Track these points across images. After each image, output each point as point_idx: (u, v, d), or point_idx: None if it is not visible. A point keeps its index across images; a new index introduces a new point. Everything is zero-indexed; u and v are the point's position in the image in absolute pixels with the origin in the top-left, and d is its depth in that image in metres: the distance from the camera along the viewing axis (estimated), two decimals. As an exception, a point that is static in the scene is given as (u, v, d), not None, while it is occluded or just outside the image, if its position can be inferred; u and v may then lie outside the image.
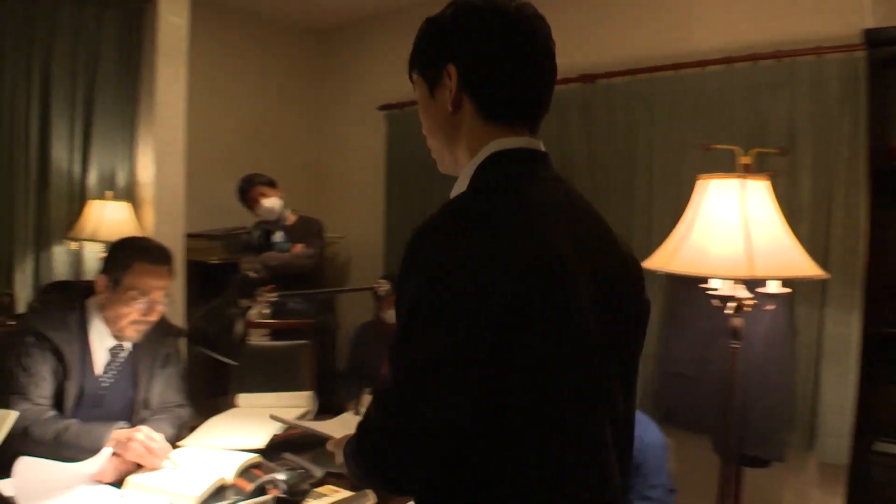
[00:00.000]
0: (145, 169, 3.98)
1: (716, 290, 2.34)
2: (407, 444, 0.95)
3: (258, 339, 3.75)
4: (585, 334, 0.99)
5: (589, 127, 3.76)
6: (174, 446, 2.11)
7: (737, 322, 2.30)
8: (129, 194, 3.99)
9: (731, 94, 3.24)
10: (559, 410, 0.97)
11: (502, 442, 0.95)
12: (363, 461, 1.03)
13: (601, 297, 1.03)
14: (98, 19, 3.84)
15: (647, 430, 2.68)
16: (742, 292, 2.29)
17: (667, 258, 2.27)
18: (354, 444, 1.05)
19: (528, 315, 0.93)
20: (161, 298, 2.13)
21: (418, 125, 1.18)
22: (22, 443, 1.86)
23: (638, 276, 1.17)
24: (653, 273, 2.50)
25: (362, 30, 5.22)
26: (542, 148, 1.11)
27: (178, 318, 3.59)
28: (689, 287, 2.86)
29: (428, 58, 1.11)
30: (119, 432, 1.95)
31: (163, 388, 2.28)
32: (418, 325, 0.94)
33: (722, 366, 2.52)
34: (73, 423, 1.96)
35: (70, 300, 2.14)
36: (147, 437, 1.95)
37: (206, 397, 4.24)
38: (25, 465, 1.78)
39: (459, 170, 1.11)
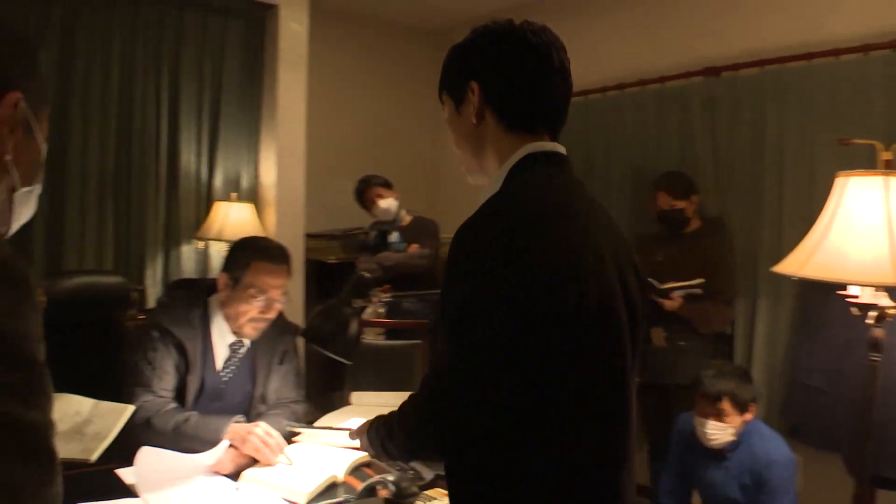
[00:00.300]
0: (268, 171, 4.13)
1: (855, 297, 2.16)
2: (441, 428, 1.08)
3: (373, 338, 3.81)
4: (621, 326, 1.10)
5: (713, 123, 3.59)
6: (289, 442, 2.16)
7: (878, 333, 2.12)
8: (252, 196, 4.15)
9: (869, 84, 3.01)
10: (601, 399, 1.08)
11: (542, 430, 1.04)
12: (401, 436, 1.20)
13: (624, 296, 1.13)
14: (222, 28, 4.03)
15: (773, 445, 2.53)
16: (885, 300, 2.11)
17: (800, 262, 2.11)
18: (392, 421, 1.23)
19: (570, 308, 1.02)
20: (278, 297, 2.18)
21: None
22: (144, 433, 1.96)
23: (643, 283, 1.23)
24: (783, 278, 2.35)
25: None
26: (564, 151, 1.21)
27: (297, 317, 3.70)
28: (823, 294, 2.67)
29: (453, 77, 1.24)
30: (237, 426, 2.01)
31: (280, 384, 2.33)
32: (464, 320, 1.02)
33: (858, 379, 2.33)
34: (192, 416, 2.04)
35: (194, 297, 2.22)
36: (265, 432, 2.00)
37: (322, 394, 4.35)
38: (146, 455, 1.86)
39: (487, 177, 1.22)
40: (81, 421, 1.44)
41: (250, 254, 2.17)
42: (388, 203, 4.33)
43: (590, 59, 4.09)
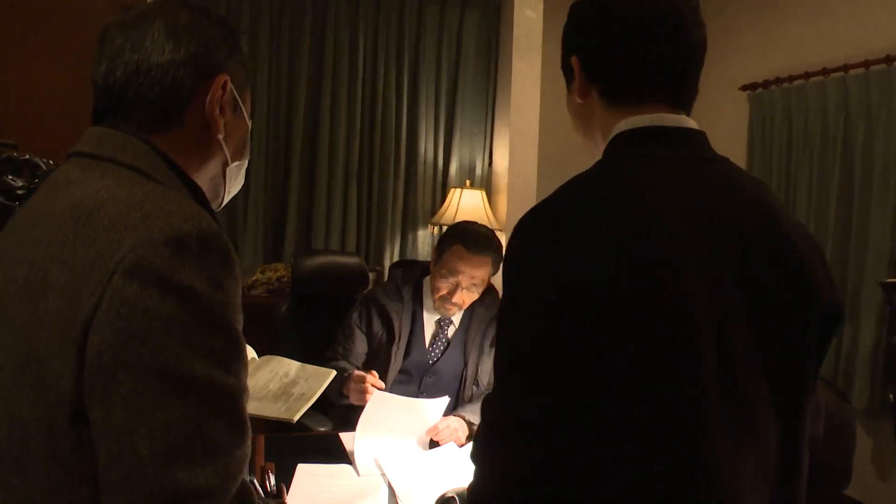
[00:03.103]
0: (501, 158, 4.18)
1: None
2: (498, 441, 0.89)
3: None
4: (689, 334, 0.86)
5: None
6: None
7: None
8: (485, 183, 4.24)
9: None
10: (650, 414, 0.86)
11: (592, 442, 0.86)
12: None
13: (738, 296, 0.90)
14: (460, 19, 4.16)
15: None
16: None
17: None
18: None
19: (622, 309, 0.84)
20: (467, 285, 2.19)
21: (785, 106, 1.04)
22: None
23: (811, 276, 0.97)
24: None
25: (722, 6, 4.85)
26: (683, 123, 0.99)
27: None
28: None
29: (563, 53, 1.10)
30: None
31: (491, 367, 2.35)
32: (511, 319, 0.90)
33: None
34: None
35: (409, 275, 2.35)
36: (356, 377, 2.06)
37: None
38: (375, 398, 1.95)
39: None
40: (289, 381, 1.55)
41: (454, 236, 2.22)
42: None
43: (845, 26, 3.62)
